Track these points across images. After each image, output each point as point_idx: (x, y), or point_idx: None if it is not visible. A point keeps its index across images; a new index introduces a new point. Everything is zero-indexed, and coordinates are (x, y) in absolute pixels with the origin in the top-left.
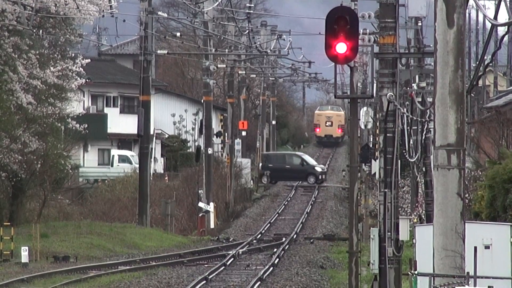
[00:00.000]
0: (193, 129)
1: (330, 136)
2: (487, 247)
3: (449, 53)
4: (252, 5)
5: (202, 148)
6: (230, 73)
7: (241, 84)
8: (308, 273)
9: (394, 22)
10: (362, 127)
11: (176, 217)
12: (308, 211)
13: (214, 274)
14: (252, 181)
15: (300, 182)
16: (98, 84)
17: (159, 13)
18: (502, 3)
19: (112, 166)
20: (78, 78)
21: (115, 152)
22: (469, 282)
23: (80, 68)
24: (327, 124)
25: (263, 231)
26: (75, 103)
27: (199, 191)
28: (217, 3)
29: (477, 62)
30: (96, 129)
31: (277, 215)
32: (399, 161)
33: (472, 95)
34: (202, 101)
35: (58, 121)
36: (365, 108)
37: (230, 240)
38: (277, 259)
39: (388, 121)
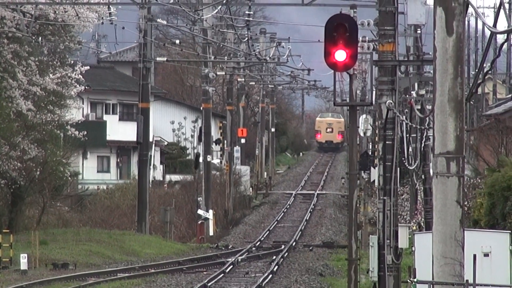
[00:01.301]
0: (192, 136)
1: (331, 142)
2: (486, 254)
3: (448, 60)
4: (251, 12)
5: (201, 155)
6: (229, 80)
7: (240, 91)
8: (307, 280)
9: (393, 30)
10: (361, 134)
11: (175, 225)
12: (307, 218)
13: (213, 281)
14: (251, 188)
15: (300, 189)
16: (97, 91)
17: (158, 20)
18: (501, 11)
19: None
20: (77, 85)
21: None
22: None
23: (79, 75)
24: (327, 131)
25: (262, 238)
26: (74, 110)
27: (198, 199)
28: (216, 10)
29: (476, 70)
30: (95, 136)
31: (276, 222)
32: (398, 168)
33: (471, 102)
34: (201, 108)
35: (57, 128)
36: (364, 116)
37: (229, 247)
38: (276, 267)
39: (387, 128)
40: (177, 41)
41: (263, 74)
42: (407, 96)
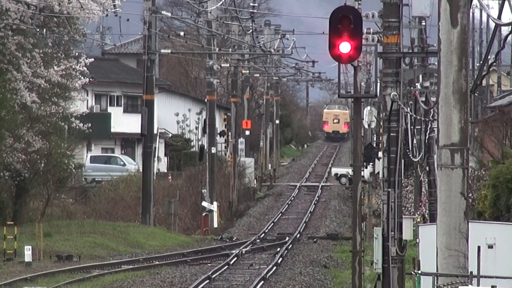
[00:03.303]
0: (196, 128)
1: (337, 132)
2: (490, 246)
3: (453, 52)
4: (256, 4)
5: (205, 147)
6: (233, 72)
7: (245, 83)
8: (312, 272)
9: (398, 22)
10: (366, 126)
11: (180, 216)
12: (312, 210)
13: (218, 273)
14: (255, 180)
15: (304, 181)
16: (101, 83)
17: (163, 12)
18: (506, 3)
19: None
20: (82, 77)
21: None
22: (473, 282)
23: (84, 67)
24: (334, 122)
25: (267, 230)
26: (79, 102)
27: (203, 190)
28: (221, 2)
29: (481, 62)
30: (99, 128)
31: (280, 214)
32: (402, 160)
33: (476, 94)
34: (205, 100)
35: (62, 120)
36: (368, 108)
37: (234, 239)
38: (281, 259)
39: (391, 120)
40: (182, 33)
41: (268, 66)
42: (412, 88)
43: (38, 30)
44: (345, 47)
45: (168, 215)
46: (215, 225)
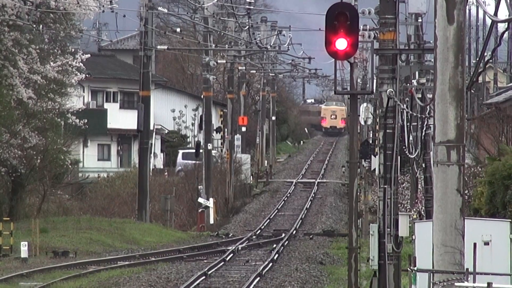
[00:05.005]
0: (193, 124)
1: (335, 127)
2: (486, 243)
3: (449, 49)
4: (252, 0)
5: (201, 143)
6: (230, 68)
7: (241, 79)
8: (308, 269)
9: (394, 18)
10: (362, 123)
11: (176, 213)
12: (308, 207)
13: (214, 269)
14: (251, 176)
15: (301, 178)
16: (98, 79)
17: (159, 8)
18: (502, 0)
19: None
20: (78, 73)
21: None
22: (468, 279)
23: (80, 63)
24: (332, 117)
25: (263, 226)
26: (75, 98)
27: (199, 187)
28: None
29: (477, 59)
30: (96, 124)
31: (276, 210)
32: (398, 157)
33: (472, 91)
34: (202, 96)
35: (58, 116)
36: (365, 104)
37: (230, 235)
38: (277, 255)
39: (388, 117)
40: (178, 29)
41: (264, 63)
42: (408, 84)
43: (34, 26)
44: (341, 43)
45: (164, 212)
46: (211, 221)
